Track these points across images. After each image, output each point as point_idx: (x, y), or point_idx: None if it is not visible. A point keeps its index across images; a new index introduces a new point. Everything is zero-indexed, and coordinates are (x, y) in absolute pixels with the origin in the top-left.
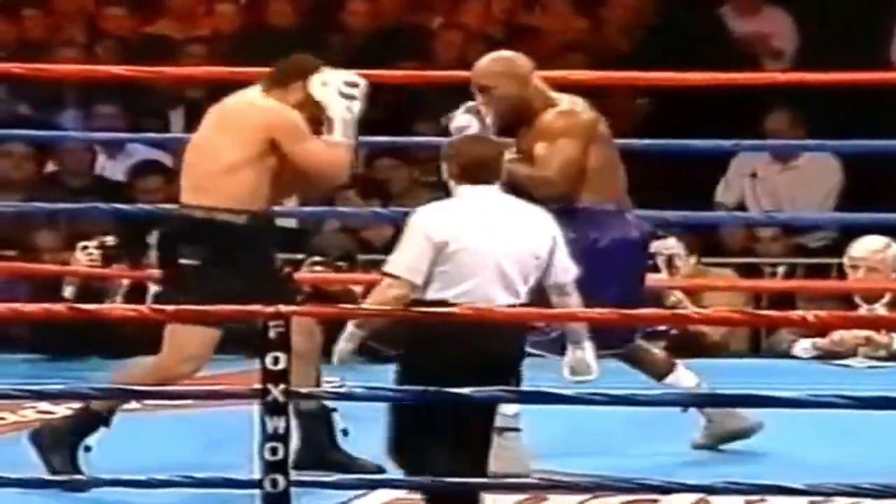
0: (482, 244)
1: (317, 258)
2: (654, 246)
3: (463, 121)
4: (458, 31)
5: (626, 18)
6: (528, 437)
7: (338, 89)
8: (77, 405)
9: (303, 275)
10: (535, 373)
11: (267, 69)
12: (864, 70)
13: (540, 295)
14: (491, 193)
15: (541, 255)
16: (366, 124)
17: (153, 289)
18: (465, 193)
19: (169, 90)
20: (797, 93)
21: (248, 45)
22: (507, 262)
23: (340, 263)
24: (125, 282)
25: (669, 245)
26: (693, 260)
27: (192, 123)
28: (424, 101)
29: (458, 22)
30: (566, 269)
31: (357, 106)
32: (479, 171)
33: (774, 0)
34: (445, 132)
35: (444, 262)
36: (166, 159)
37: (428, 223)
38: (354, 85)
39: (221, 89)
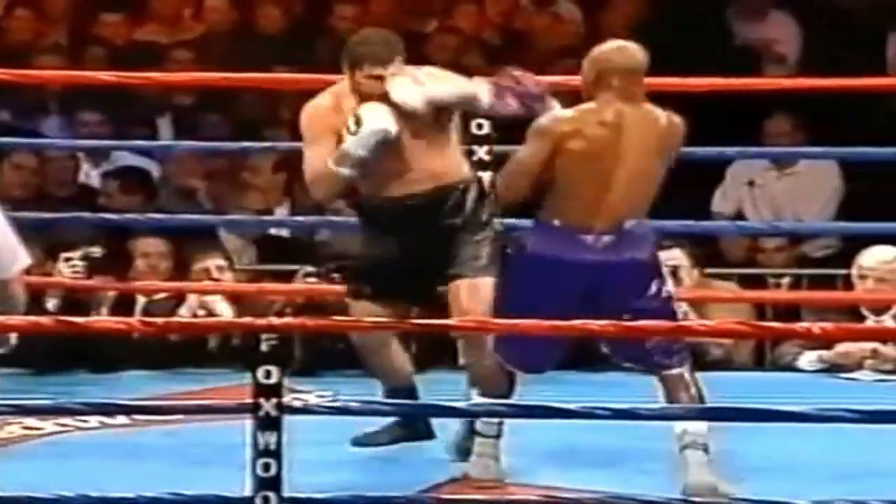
0: None
1: (310, 269)
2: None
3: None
4: (452, 35)
5: (625, 23)
6: (533, 452)
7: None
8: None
9: (295, 286)
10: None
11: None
12: (868, 76)
13: None
14: None
15: None
16: None
17: (141, 300)
18: None
19: (156, 96)
20: (798, 98)
21: (236, 50)
22: None
23: (334, 275)
24: (111, 294)
25: (674, 256)
26: (696, 272)
27: (180, 130)
28: None
29: (452, 26)
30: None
31: (364, 151)
32: None
33: (781, 5)
34: None
35: None
36: (153, 167)
37: None
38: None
39: (210, 95)
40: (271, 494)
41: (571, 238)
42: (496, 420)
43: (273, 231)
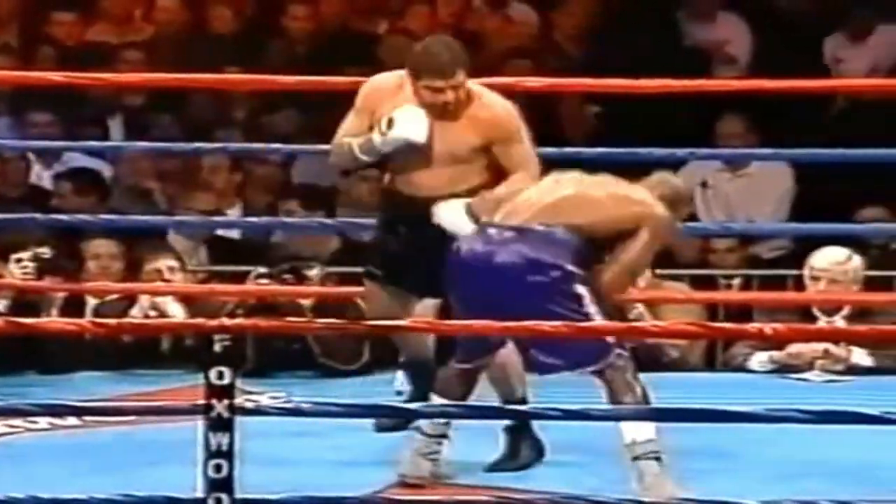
0: None
1: (262, 270)
2: None
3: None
4: (403, 36)
5: (577, 24)
6: (486, 454)
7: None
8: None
9: (247, 287)
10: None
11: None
12: (817, 78)
13: None
14: None
15: None
16: (309, 131)
17: (92, 302)
18: None
19: (107, 97)
20: (750, 100)
21: (187, 51)
22: None
23: (286, 276)
24: (61, 295)
25: None
26: (648, 272)
27: (131, 131)
28: None
29: (403, 27)
30: None
31: (387, 150)
32: None
33: (730, 7)
34: None
35: None
36: (105, 168)
37: None
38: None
39: (161, 96)
40: (223, 495)
41: (481, 229)
42: (442, 421)
43: (223, 232)
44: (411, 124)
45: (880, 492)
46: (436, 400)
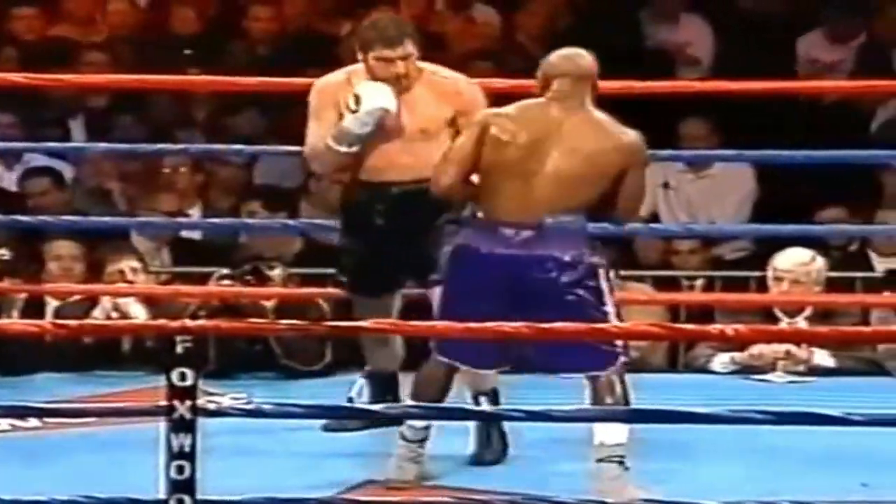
0: None
1: (225, 271)
2: None
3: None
4: None
5: (540, 25)
6: (448, 455)
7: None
8: None
9: (210, 289)
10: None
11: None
12: (780, 79)
13: None
14: None
15: None
16: (271, 132)
17: (52, 303)
18: None
19: (69, 98)
20: (713, 101)
21: (150, 51)
22: None
23: (249, 277)
24: (22, 296)
25: None
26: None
27: (93, 132)
28: None
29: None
30: None
31: (363, 129)
32: None
33: (693, 8)
34: None
35: None
36: (67, 169)
37: None
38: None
39: (123, 97)
40: (185, 497)
41: (492, 231)
42: (422, 425)
43: (185, 233)
44: (379, 93)
45: (841, 492)
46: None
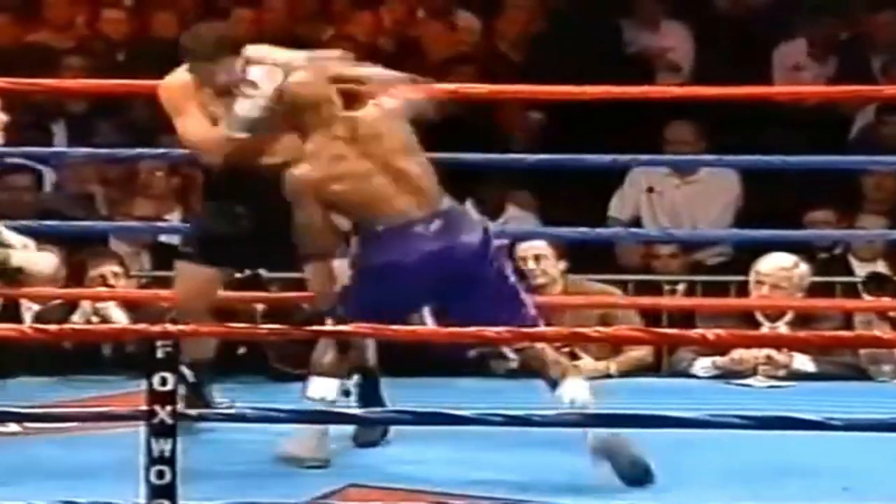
0: None
1: None
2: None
3: None
4: (348, 42)
5: (520, 31)
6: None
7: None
8: None
9: None
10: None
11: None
12: (760, 85)
13: None
14: None
15: None
16: None
17: (34, 307)
18: None
19: (50, 103)
20: (696, 107)
21: (131, 57)
22: None
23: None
24: None
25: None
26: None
27: (74, 137)
28: None
29: (347, 33)
30: None
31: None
32: None
33: (674, 14)
34: None
35: None
36: (49, 173)
37: None
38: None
39: (103, 102)
40: (165, 502)
41: (405, 235)
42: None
43: (164, 238)
44: (270, 77)
45: (823, 496)
46: (317, 381)
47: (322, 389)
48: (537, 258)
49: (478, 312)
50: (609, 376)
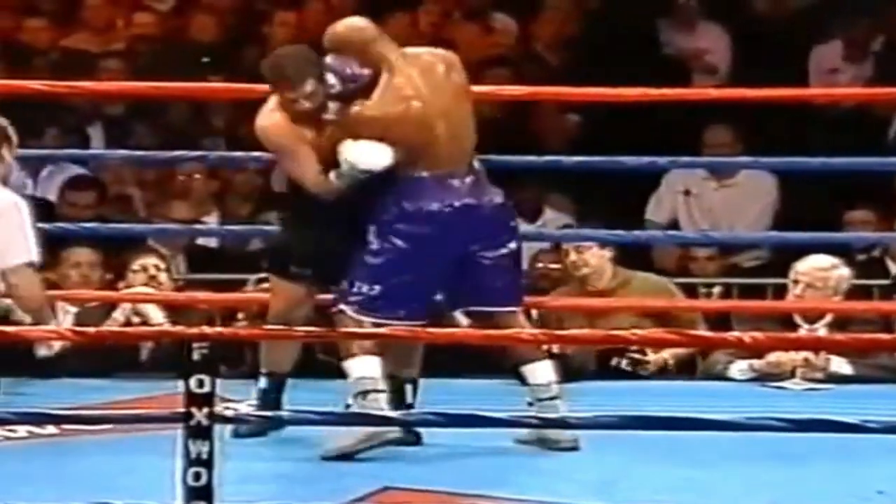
0: None
1: (263, 276)
2: None
3: None
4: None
5: (557, 33)
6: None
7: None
8: None
9: (249, 295)
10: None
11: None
12: (794, 87)
13: None
14: None
15: None
16: None
17: (72, 310)
18: None
19: (87, 106)
20: (734, 109)
21: (168, 60)
22: None
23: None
24: None
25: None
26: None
27: (112, 139)
28: None
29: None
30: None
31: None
32: None
33: (710, 16)
34: None
35: None
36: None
37: None
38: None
39: (141, 105)
40: None
41: (441, 185)
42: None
43: (201, 241)
44: (367, 155)
45: (858, 499)
46: (358, 361)
47: (365, 368)
48: (579, 250)
49: (484, 274)
50: (666, 366)
